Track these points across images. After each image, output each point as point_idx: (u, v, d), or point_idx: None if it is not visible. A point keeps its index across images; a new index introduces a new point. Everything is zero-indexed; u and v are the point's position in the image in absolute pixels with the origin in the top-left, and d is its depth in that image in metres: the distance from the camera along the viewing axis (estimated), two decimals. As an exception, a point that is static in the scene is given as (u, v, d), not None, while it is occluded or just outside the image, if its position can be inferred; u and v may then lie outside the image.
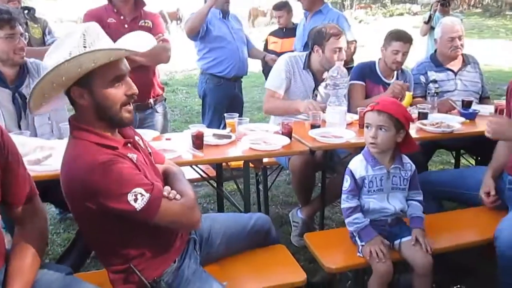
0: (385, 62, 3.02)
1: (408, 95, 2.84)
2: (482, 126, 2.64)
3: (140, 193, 1.36)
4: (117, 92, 1.43)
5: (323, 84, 2.98)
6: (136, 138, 1.62)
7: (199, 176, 2.53)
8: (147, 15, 2.86)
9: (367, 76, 3.06)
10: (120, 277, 1.54)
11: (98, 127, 1.46)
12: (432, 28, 5.59)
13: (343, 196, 1.96)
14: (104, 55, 1.37)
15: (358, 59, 3.47)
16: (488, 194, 2.20)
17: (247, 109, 5.69)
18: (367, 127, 1.92)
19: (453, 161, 3.60)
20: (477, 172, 2.37)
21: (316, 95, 2.97)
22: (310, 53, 2.93)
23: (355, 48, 3.74)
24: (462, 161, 3.55)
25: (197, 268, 1.64)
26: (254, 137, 2.34)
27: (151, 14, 2.91)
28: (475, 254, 2.31)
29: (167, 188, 1.49)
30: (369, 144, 1.92)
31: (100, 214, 1.40)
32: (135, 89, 1.47)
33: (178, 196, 1.48)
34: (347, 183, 1.95)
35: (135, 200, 1.36)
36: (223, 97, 3.72)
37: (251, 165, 2.74)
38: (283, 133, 2.37)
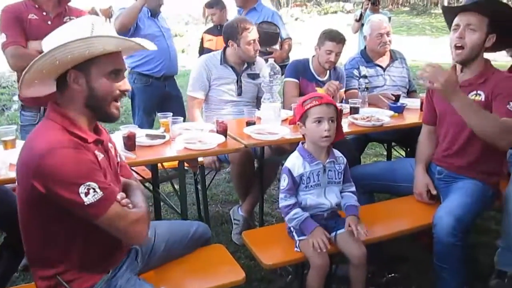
0: (319, 60, 3.07)
1: (320, 90, 2.87)
2: (410, 118, 2.78)
3: (93, 189, 1.33)
4: (112, 85, 1.45)
5: (244, 75, 3.03)
6: (109, 145, 1.60)
7: (133, 179, 2.44)
8: (72, 11, 2.72)
9: (300, 73, 3.10)
10: (48, 285, 1.45)
11: (79, 117, 1.45)
12: (363, 25, 5.80)
13: (281, 195, 1.95)
14: (114, 43, 1.40)
15: (295, 57, 3.50)
16: (427, 191, 2.27)
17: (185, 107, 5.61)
18: (318, 121, 1.89)
19: (385, 153, 3.75)
20: (406, 164, 2.47)
21: (241, 87, 3.00)
22: (225, 48, 3.00)
23: (289, 45, 3.80)
24: (394, 153, 3.70)
25: (132, 277, 1.59)
26: (188, 136, 2.29)
27: (76, 10, 2.77)
28: (405, 243, 2.42)
29: (122, 194, 1.46)
30: (324, 138, 1.90)
31: (44, 199, 1.33)
32: (129, 87, 1.51)
33: (130, 205, 1.45)
34: (284, 182, 1.95)
35: (86, 194, 1.32)
36: (153, 97, 3.61)
37: (187, 165, 2.70)
38: (218, 132, 2.34)
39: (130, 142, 2.13)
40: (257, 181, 2.72)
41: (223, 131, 2.32)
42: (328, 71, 3.15)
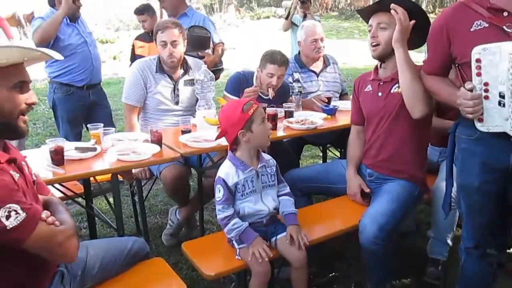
0: (261, 82, 2.91)
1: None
2: (342, 120, 2.86)
3: (15, 211, 1.24)
4: (18, 98, 1.37)
5: (181, 82, 2.91)
6: (22, 163, 1.49)
7: (63, 195, 2.31)
8: None
9: (243, 89, 2.95)
10: None
11: None
12: (294, 24, 5.84)
13: (219, 207, 1.93)
14: (18, 53, 1.32)
15: (230, 61, 3.46)
16: (361, 192, 2.34)
17: (119, 116, 5.41)
18: (262, 122, 1.92)
19: (321, 154, 3.84)
20: (339, 165, 2.54)
21: (178, 95, 2.90)
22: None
23: (222, 50, 3.78)
24: (329, 154, 3.81)
25: None
26: (121, 147, 2.21)
27: None
28: (343, 241, 2.48)
29: (47, 212, 1.37)
30: (269, 137, 1.98)
31: None
32: (36, 99, 1.44)
33: (57, 223, 1.37)
34: (220, 193, 1.92)
35: (8, 217, 1.23)
36: (76, 107, 3.43)
37: (120, 177, 2.60)
38: (152, 141, 2.27)
39: (58, 157, 2.02)
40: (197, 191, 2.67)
41: (157, 140, 2.25)
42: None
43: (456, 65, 1.77)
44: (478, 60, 1.56)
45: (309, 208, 2.40)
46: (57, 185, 2.26)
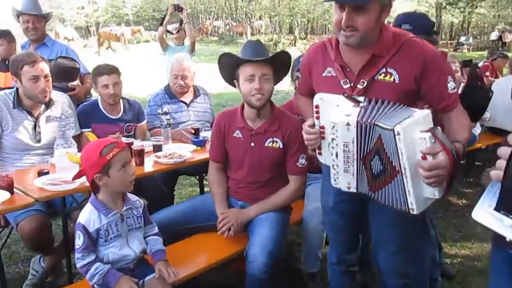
0: (103, 99, 2.97)
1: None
2: (212, 152, 2.88)
3: None
4: None
5: (42, 118, 2.69)
6: None
7: None
8: None
9: (92, 119, 2.93)
10: None
11: None
12: (168, 31, 5.72)
13: (78, 255, 1.79)
14: None
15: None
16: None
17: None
18: (123, 166, 1.81)
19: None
20: (207, 202, 2.45)
21: (40, 133, 2.68)
22: (18, 89, 2.65)
23: (90, 83, 3.60)
24: (205, 182, 3.81)
25: None
26: (-37, 196, 1.96)
27: None
28: (218, 271, 2.48)
29: None
30: (132, 182, 1.87)
31: None
32: None
33: None
34: (80, 240, 1.79)
35: None
36: None
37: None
38: (2, 187, 2.05)
39: None
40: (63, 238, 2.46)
41: (7, 186, 2.03)
42: (122, 108, 3.05)
43: None
44: (316, 106, 1.69)
45: (177, 245, 2.34)
46: None
